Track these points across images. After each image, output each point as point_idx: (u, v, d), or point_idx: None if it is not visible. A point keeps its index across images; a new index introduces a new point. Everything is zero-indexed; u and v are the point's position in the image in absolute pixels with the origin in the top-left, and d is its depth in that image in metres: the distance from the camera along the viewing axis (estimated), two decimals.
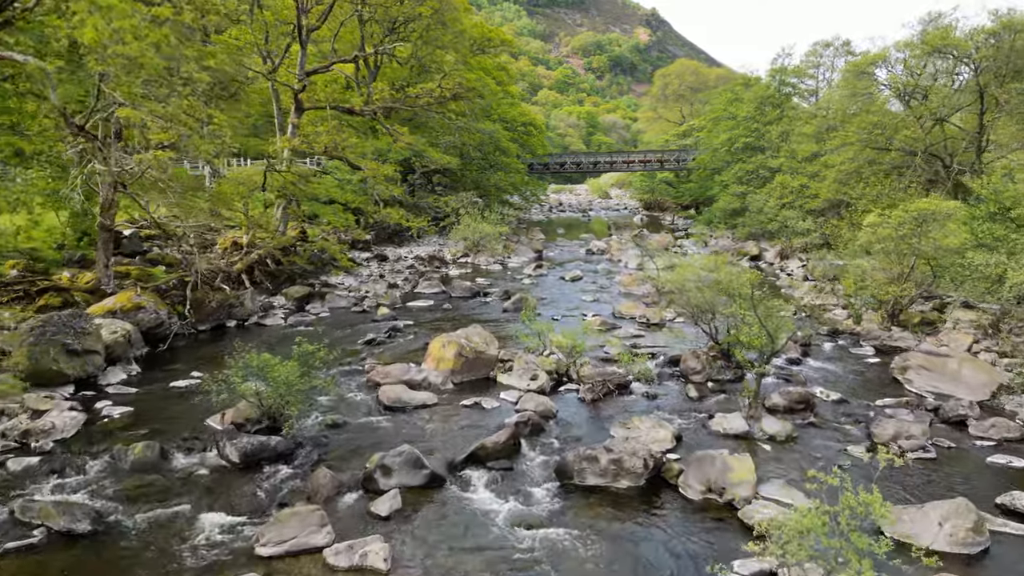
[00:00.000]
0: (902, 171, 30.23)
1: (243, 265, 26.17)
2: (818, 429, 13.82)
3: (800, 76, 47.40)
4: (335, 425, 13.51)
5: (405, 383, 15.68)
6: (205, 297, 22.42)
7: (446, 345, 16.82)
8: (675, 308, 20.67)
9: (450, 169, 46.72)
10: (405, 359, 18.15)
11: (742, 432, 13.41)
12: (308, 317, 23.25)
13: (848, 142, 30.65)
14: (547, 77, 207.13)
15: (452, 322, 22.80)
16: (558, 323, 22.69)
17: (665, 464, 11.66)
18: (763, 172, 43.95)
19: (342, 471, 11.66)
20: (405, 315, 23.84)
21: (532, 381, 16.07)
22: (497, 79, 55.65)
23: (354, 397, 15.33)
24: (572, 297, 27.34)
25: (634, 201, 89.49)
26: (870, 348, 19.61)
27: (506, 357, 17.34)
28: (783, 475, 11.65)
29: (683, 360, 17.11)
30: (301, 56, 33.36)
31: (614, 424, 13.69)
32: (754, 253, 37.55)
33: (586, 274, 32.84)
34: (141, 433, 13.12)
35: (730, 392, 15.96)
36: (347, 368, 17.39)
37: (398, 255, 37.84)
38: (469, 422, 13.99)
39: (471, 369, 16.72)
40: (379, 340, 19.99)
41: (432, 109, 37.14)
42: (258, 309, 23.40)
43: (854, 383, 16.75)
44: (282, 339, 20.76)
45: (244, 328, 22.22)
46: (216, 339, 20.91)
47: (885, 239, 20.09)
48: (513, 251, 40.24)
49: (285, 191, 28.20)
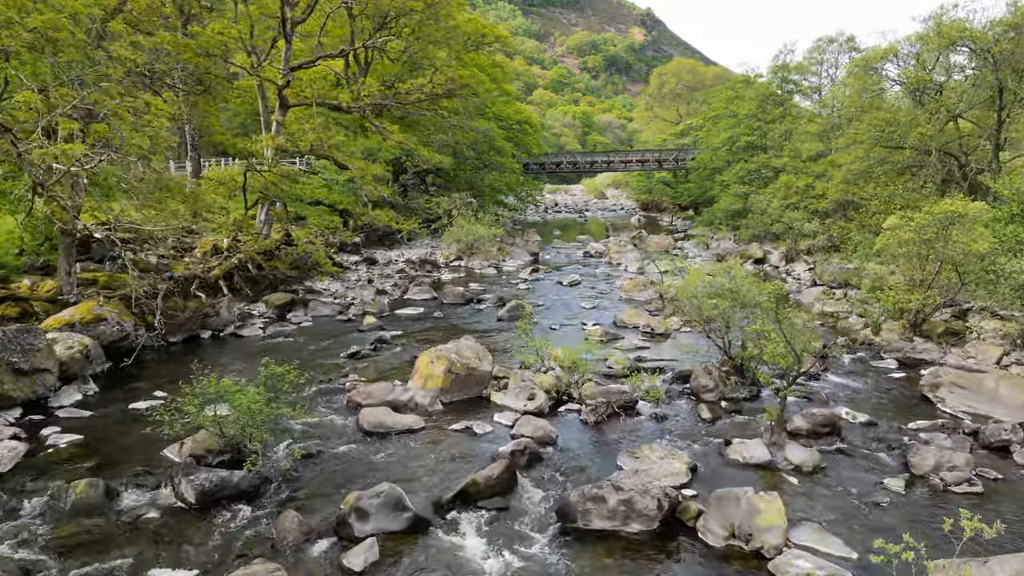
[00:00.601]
0: (914, 170, 28.93)
1: (221, 271, 24.66)
2: (848, 457, 12.41)
3: (803, 73, 46.09)
4: (308, 455, 12.02)
5: (389, 404, 14.22)
6: (177, 306, 20.91)
7: (435, 361, 15.36)
8: (683, 318, 19.29)
9: (443, 169, 45.30)
10: (390, 375, 16.70)
11: (764, 461, 12.00)
12: (288, 327, 21.75)
13: (858, 140, 29.29)
14: (542, 77, 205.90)
15: (443, 332, 21.36)
16: (556, 332, 21.28)
17: (681, 504, 10.23)
18: (766, 172, 42.63)
19: (313, 513, 10.21)
20: (393, 324, 22.37)
21: (529, 401, 14.63)
22: (492, 76, 54.13)
23: (332, 420, 13.85)
24: (570, 303, 25.90)
25: (631, 201, 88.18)
26: (892, 360, 18.22)
27: (501, 374, 15.89)
28: (816, 516, 10.23)
29: (694, 376, 15.68)
30: (286, 50, 31.85)
31: (621, 452, 12.26)
32: (758, 256, 36.19)
33: (584, 278, 31.42)
34: (88, 466, 11.63)
35: (746, 412, 14.56)
36: (326, 386, 15.91)
37: (388, 258, 36.35)
38: (459, 450, 12.54)
39: (462, 387, 15.27)
40: (363, 353, 18.50)
41: (424, 106, 35.71)
42: (235, 318, 21.89)
43: (881, 402, 15.34)
44: (259, 352, 19.26)
45: (219, 339, 20.72)
46: (188, 352, 19.39)
47: (907, 243, 18.72)
48: (508, 254, 38.79)
49: (267, 192, 26.68)
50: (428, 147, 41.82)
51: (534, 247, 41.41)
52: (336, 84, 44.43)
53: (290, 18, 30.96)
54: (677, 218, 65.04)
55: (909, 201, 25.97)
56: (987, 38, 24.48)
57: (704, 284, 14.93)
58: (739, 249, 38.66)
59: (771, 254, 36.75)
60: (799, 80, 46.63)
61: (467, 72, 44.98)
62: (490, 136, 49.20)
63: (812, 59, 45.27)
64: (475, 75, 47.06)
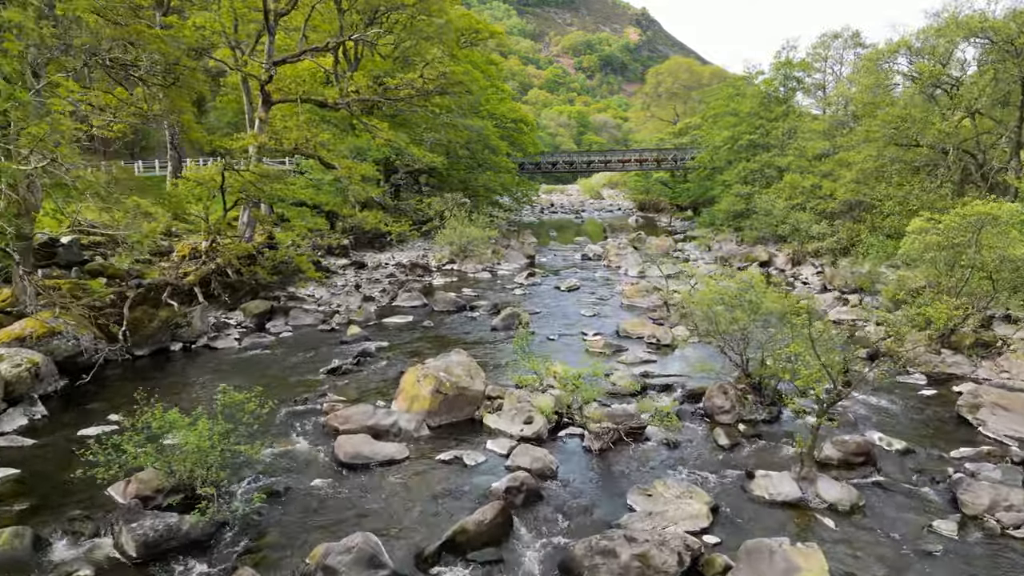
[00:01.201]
0: (929, 169, 27.55)
1: (197, 277, 23.06)
2: (887, 493, 10.96)
3: (806, 70, 44.70)
4: (275, 493, 10.51)
5: (369, 430, 12.72)
6: (145, 316, 19.36)
7: (421, 380, 13.86)
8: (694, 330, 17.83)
9: (436, 169, 43.76)
10: (373, 394, 15.20)
11: (794, 499, 10.55)
12: (266, 339, 20.20)
13: (870, 138, 27.86)
14: (537, 76, 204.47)
15: (432, 343, 19.86)
16: (554, 344, 19.81)
17: (705, 557, 8.77)
18: (769, 171, 41.24)
19: (275, 569, 8.73)
20: (379, 334, 20.86)
21: (526, 425, 13.16)
22: (486, 73, 52.61)
23: (305, 449, 12.33)
24: (569, 311, 24.41)
25: (627, 202, 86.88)
26: (919, 376, 16.80)
27: (494, 393, 14.40)
28: (862, 570, 8.78)
29: (707, 396, 14.22)
30: (269, 44, 30.29)
31: (631, 490, 10.78)
32: (763, 258, 34.78)
33: (583, 283, 29.94)
34: (20, 508, 10.14)
35: (767, 437, 13.11)
36: (302, 408, 14.39)
37: (378, 262, 34.82)
38: (447, 486, 11.04)
39: (451, 409, 13.78)
40: (345, 368, 16.97)
41: (415, 102, 34.13)
42: (208, 329, 20.36)
43: (915, 425, 13.91)
44: (233, 366, 17.78)
45: (191, 352, 19.17)
46: (155, 367, 17.87)
47: (934, 247, 17.31)
48: (503, 257, 37.27)
49: (247, 192, 25.10)
50: (420, 146, 40.28)
51: (530, 249, 39.91)
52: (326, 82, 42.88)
53: (273, 9, 29.43)
54: (676, 219, 63.67)
55: (926, 202, 24.58)
56: (1010, 29, 23.11)
57: (720, 295, 13.47)
58: (743, 251, 37.25)
59: (776, 256, 35.36)
60: (802, 77, 45.23)
61: (460, 68, 43.42)
62: (484, 135, 47.67)
63: (816, 55, 43.90)
64: (469, 72, 45.55)
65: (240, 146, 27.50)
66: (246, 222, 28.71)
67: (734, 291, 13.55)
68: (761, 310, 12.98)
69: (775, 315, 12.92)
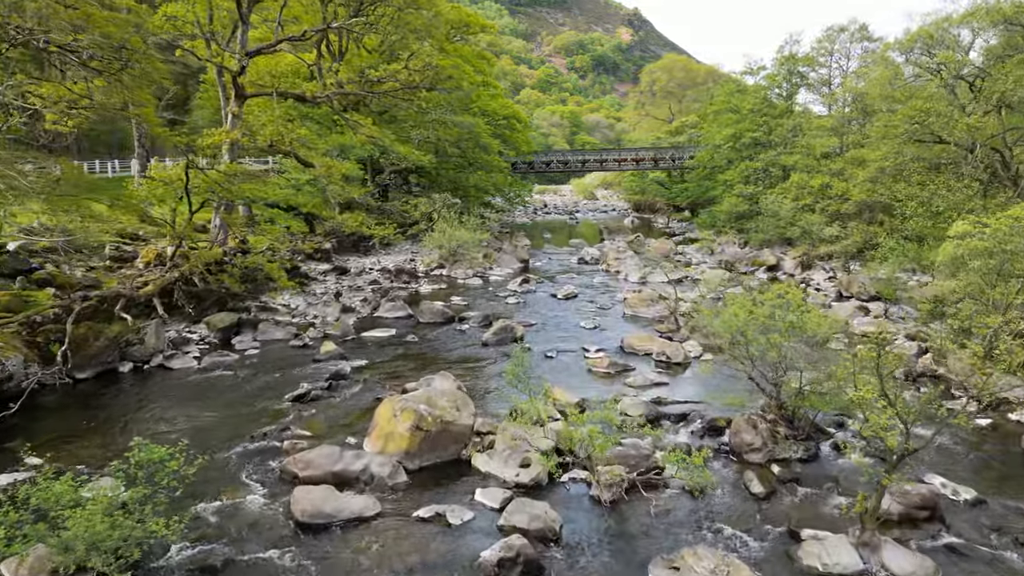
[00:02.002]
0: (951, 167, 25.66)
1: (157, 286, 20.87)
2: (964, 560, 8.96)
3: (811, 65, 42.82)
4: (210, 570, 8.41)
5: (335, 477, 10.63)
6: (91, 332, 17.16)
7: (398, 414, 11.76)
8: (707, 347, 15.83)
9: (425, 168, 41.66)
10: (343, 427, 13.11)
11: (855, 571, 8.53)
12: (229, 357, 18.01)
13: (890, 134, 25.93)
14: (529, 76, 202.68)
15: (416, 362, 17.77)
16: (552, 362, 17.78)
17: None
18: (774, 170, 39.33)
19: None
20: (357, 351, 18.74)
21: (522, 470, 11.09)
22: (477, 68, 50.45)
23: (256, 504, 10.21)
24: (567, 322, 22.36)
25: (622, 202, 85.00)
26: (967, 400, 14.79)
27: (485, 428, 12.32)
28: None
29: (734, 430, 12.20)
30: (242, 33, 28.19)
31: (654, 561, 8.73)
32: (771, 263, 32.84)
33: (581, 290, 27.88)
34: None
35: (806, 481, 11.09)
36: (258, 446, 12.27)
37: (362, 267, 32.65)
38: (425, 555, 8.95)
39: (434, 448, 11.69)
40: (313, 394, 14.84)
41: (400, 96, 31.97)
42: (164, 346, 18.18)
43: (978, 466, 11.93)
44: (188, 391, 15.64)
45: (142, 373, 17.00)
46: (98, 392, 15.69)
47: (980, 254, 15.37)
48: (495, 261, 35.16)
49: (215, 193, 22.93)
50: (407, 143, 38.18)
51: (523, 253, 37.79)
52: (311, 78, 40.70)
53: None
54: (673, 219, 61.76)
55: (953, 203, 22.70)
56: None
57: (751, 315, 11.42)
58: (749, 255, 35.31)
59: (784, 260, 33.42)
60: (807, 72, 43.35)
61: (449, 62, 41.34)
62: (475, 132, 45.55)
63: (821, 49, 42.02)
64: (459, 66, 43.43)
65: (210, 143, 25.35)
66: (219, 225, 26.56)
67: (767, 310, 11.52)
68: (803, 332, 10.97)
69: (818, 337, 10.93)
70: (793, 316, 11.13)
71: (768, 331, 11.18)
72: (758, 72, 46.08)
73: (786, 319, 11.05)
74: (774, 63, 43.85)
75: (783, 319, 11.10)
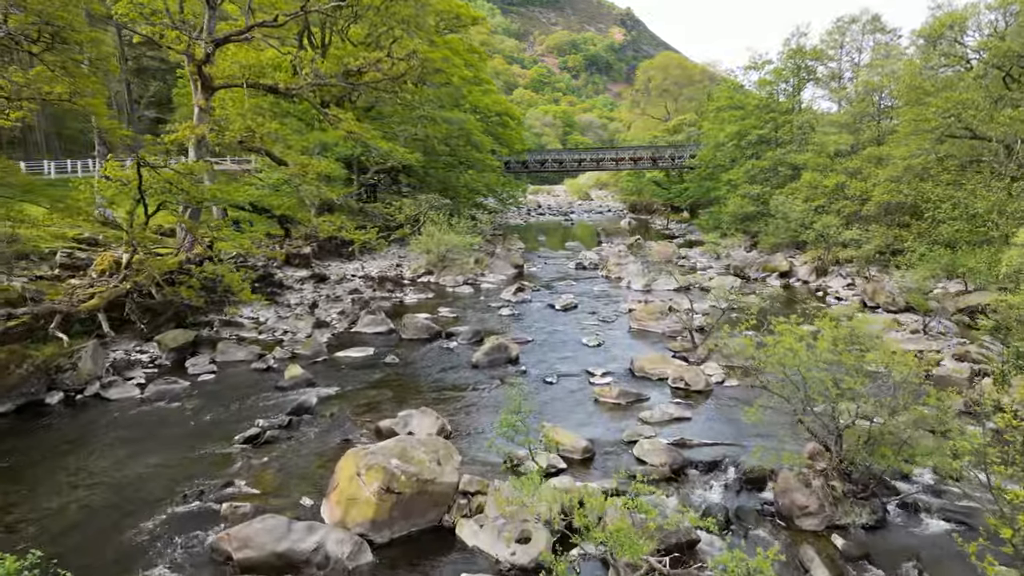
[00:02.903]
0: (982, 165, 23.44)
1: (103, 299, 18.41)
2: None
3: (819, 59, 40.60)
4: None
5: (279, 559, 8.25)
6: (13, 358, 14.68)
7: (363, 473, 9.36)
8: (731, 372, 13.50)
9: (412, 167, 39.21)
10: (299, 480, 10.70)
11: None
12: (179, 384, 15.49)
13: (919, 129, 23.68)
14: (522, 76, 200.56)
15: (395, 389, 15.36)
16: (552, 388, 15.42)
17: None
18: (783, 169, 37.07)
19: None
20: (328, 375, 16.31)
21: (519, 545, 8.73)
22: (467, 62, 48.00)
23: None
24: (568, 338, 19.99)
25: (617, 203, 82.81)
26: None
27: (473, 487, 9.91)
28: None
29: (782, 488, 9.86)
30: (209, 18, 25.65)
31: None
32: (783, 268, 30.59)
33: (581, 299, 25.52)
34: None
35: (878, 559, 8.78)
36: (190, 509, 9.85)
37: (343, 273, 30.16)
38: None
39: (408, 514, 9.31)
40: (269, 435, 12.39)
41: (383, 88, 29.54)
42: (103, 371, 15.69)
43: None
44: (123, 428, 13.17)
45: (74, 405, 14.50)
46: (15, 428, 13.20)
47: None
48: (487, 267, 32.75)
49: (170, 194, 20.47)
50: (393, 141, 35.71)
51: (518, 258, 35.37)
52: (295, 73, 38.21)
53: None
54: (672, 221, 59.54)
55: (994, 204, 20.50)
56: None
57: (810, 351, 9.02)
58: (760, 260, 33.05)
59: (796, 265, 31.19)
60: (815, 66, 41.13)
61: (439, 55, 38.94)
62: (466, 129, 43.14)
63: (831, 42, 39.87)
64: (449, 59, 41.01)
65: (173, 139, 22.92)
66: (184, 230, 24.07)
67: (829, 343, 9.16)
68: (892, 376, 8.63)
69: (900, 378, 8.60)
70: (876, 357, 8.78)
71: (831, 367, 8.84)
72: (763, 67, 43.79)
73: (863, 357, 8.72)
74: (780, 57, 41.59)
75: (857, 356, 8.78)
